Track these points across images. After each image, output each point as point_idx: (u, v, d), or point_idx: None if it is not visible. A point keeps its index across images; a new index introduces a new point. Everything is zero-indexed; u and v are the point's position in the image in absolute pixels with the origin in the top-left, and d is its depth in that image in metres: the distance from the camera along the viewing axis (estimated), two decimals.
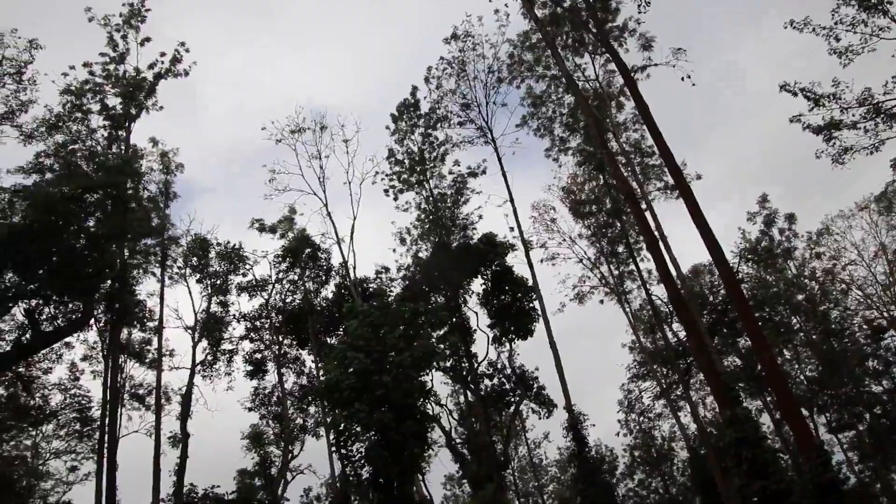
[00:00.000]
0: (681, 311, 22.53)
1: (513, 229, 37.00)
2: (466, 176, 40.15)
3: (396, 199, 40.69)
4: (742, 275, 40.67)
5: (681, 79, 28.72)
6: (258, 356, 40.71)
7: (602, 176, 39.73)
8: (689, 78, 28.57)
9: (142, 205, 31.44)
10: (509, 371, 36.86)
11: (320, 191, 39.63)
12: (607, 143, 31.98)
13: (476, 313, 38.00)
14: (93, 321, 30.16)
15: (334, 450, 30.08)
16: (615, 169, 27.23)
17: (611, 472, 50.47)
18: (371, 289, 39.52)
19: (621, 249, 41.13)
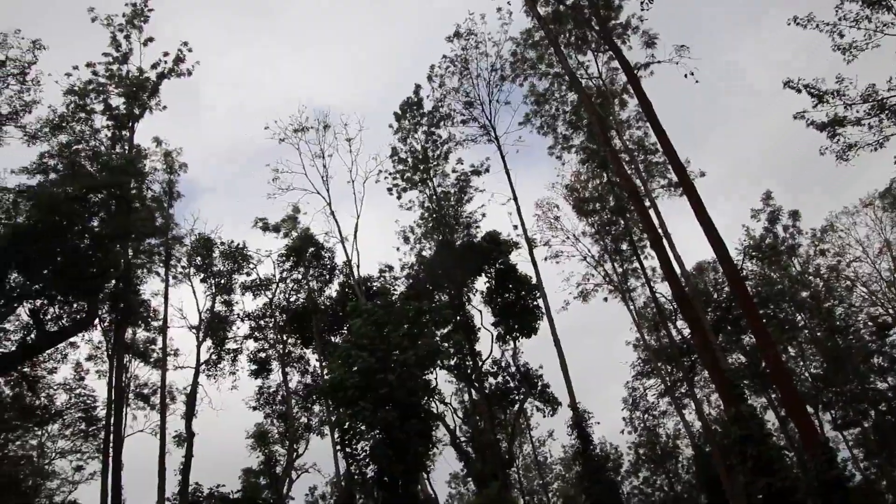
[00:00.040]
0: (685, 308, 22.53)
1: (516, 227, 37.00)
2: (470, 174, 40.19)
3: (400, 197, 40.78)
4: (746, 272, 40.54)
5: (684, 76, 28.77)
6: (262, 355, 40.86)
7: (605, 173, 39.70)
8: (692, 75, 28.63)
9: (145, 204, 31.42)
10: (513, 369, 36.86)
11: (324, 190, 39.63)
12: (610, 141, 31.96)
13: (480, 311, 38.06)
14: (97, 321, 30.22)
15: (339, 448, 30.19)
16: (618, 166, 27.21)
17: (615, 469, 50.49)
18: (375, 287, 39.47)
19: (625, 247, 41.03)
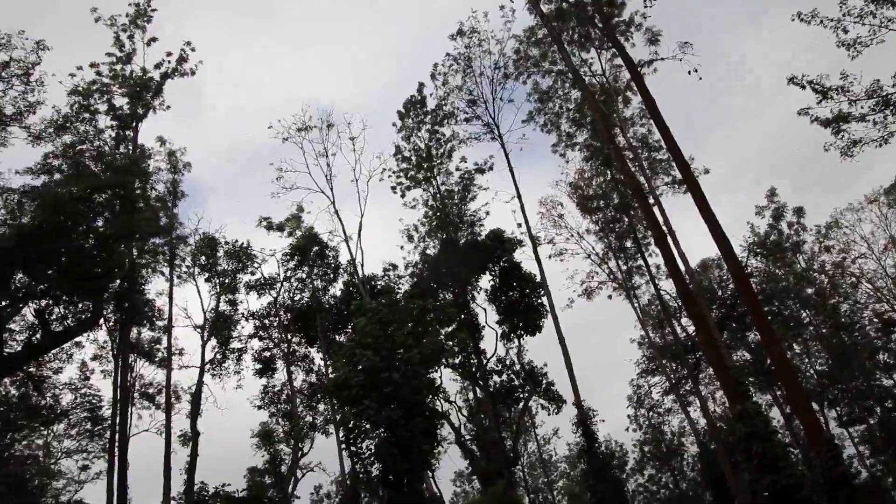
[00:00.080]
0: (690, 305, 22.45)
1: (520, 225, 37.07)
2: (473, 172, 40.16)
3: (404, 196, 40.76)
4: (751, 269, 40.42)
5: (687, 72, 28.74)
6: (267, 354, 40.91)
7: (609, 171, 39.62)
8: (695, 72, 28.60)
9: (150, 204, 31.41)
10: (518, 367, 36.89)
11: (327, 188, 39.59)
12: (614, 138, 31.85)
13: (484, 310, 38.11)
14: (102, 321, 30.27)
15: (344, 447, 30.22)
16: (622, 164, 27.12)
17: (621, 467, 50.50)
18: (379, 286, 39.51)
19: (629, 244, 41.01)
